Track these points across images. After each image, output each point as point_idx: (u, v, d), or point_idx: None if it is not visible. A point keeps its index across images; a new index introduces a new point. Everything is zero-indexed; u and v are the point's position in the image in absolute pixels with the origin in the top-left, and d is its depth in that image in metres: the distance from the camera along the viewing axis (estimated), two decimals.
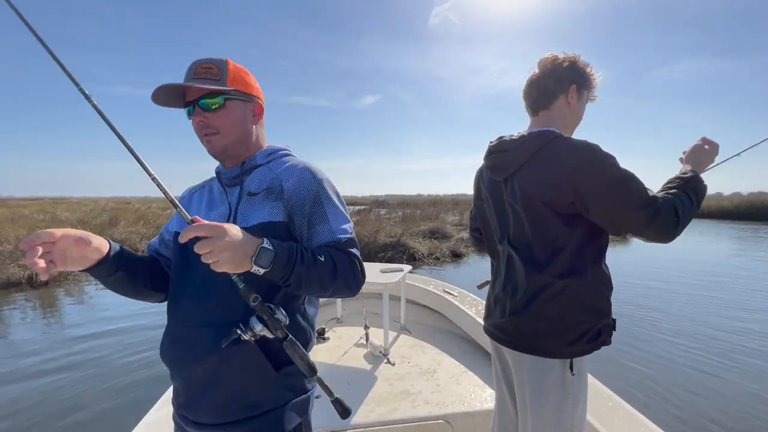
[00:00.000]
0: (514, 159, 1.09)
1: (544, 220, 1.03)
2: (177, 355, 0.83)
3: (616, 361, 3.74)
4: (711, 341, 4.26)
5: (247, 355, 0.79)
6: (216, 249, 0.63)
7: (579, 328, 1.04)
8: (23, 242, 0.68)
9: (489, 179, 1.22)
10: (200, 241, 0.63)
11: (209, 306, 0.81)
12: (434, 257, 9.80)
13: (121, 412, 2.79)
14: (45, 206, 21.33)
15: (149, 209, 18.41)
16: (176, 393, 0.87)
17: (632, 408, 1.50)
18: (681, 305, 5.73)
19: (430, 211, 15.90)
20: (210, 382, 0.80)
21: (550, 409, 1.06)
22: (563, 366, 1.05)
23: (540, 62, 1.14)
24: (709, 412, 2.86)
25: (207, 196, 0.93)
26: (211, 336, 0.77)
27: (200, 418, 0.82)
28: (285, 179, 0.85)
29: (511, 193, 1.11)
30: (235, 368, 0.79)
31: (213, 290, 0.80)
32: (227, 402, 0.80)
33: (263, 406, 0.81)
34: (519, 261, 1.10)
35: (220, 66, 0.83)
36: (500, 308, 1.17)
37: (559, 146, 1.02)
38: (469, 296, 3.00)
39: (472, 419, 1.79)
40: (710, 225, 20.71)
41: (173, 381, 0.88)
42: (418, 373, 2.18)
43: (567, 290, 1.03)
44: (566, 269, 1.02)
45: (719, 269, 8.43)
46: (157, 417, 1.61)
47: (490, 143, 1.23)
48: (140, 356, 3.95)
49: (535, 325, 1.07)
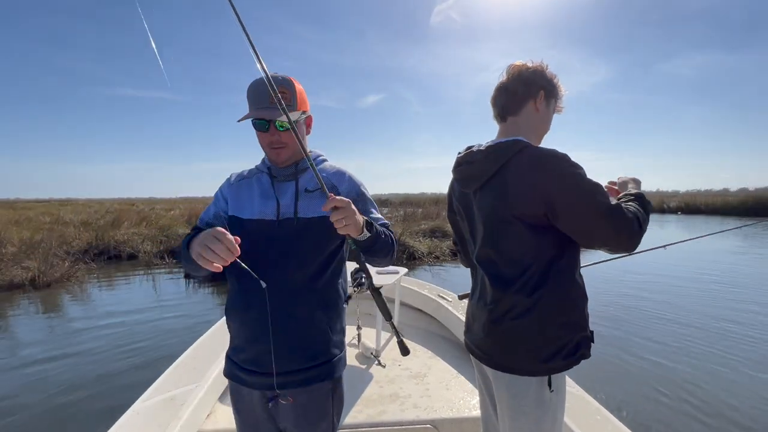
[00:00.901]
0: (482, 170, 1.07)
1: (515, 234, 1.01)
2: (261, 312, 0.97)
3: (606, 370, 3.70)
4: (708, 348, 4.20)
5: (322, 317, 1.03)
6: (348, 215, 0.86)
7: (554, 344, 1.01)
8: (230, 245, 0.81)
9: (459, 191, 1.20)
10: (337, 210, 0.85)
11: (294, 269, 1.00)
12: (434, 256, 9.77)
13: (119, 404, 2.81)
14: (51, 208, 21.56)
15: (152, 210, 18.54)
16: (252, 348, 1.01)
17: (619, 422, 1.47)
18: (678, 311, 5.67)
19: (431, 210, 15.87)
20: (296, 335, 1.00)
21: (529, 428, 1.04)
22: (541, 383, 1.02)
23: (508, 69, 1.13)
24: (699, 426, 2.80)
25: (257, 187, 1.07)
26: (300, 293, 1.00)
27: (282, 368, 0.99)
28: (337, 182, 1.08)
29: (480, 206, 1.09)
30: (319, 325, 1.02)
31: (295, 257, 1.00)
32: (306, 351, 1.01)
33: (325, 357, 1.04)
34: (487, 278, 1.08)
35: (290, 91, 1.00)
36: (477, 324, 1.15)
37: (528, 156, 1.00)
38: (464, 302, 2.98)
39: (460, 425, 1.78)
40: (717, 222, 20.49)
41: (249, 340, 1.01)
42: (408, 377, 2.18)
43: (538, 307, 1.01)
44: (535, 285, 1.00)
45: (724, 267, 8.34)
46: (151, 403, 1.61)
47: (459, 154, 1.20)
48: (141, 355, 3.98)
49: (507, 343, 1.05)
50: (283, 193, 1.04)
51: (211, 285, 7.27)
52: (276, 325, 0.97)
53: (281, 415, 1.05)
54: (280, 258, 0.99)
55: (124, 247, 10.14)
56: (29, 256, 7.66)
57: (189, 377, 1.78)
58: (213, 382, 1.80)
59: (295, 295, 0.99)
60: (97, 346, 4.31)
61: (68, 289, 7.05)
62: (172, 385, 1.71)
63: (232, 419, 1.75)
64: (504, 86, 1.12)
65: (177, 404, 1.56)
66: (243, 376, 1.03)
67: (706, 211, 28.71)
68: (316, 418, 1.04)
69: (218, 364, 1.91)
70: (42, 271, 7.14)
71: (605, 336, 4.36)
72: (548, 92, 1.10)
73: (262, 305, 0.95)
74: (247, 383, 1.03)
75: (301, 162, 1.07)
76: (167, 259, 9.59)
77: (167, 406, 1.55)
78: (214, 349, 2.08)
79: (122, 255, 10.00)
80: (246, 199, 1.06)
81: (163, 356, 3.95)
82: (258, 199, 1.04)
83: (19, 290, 6.82)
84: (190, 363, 1.92)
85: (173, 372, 1.84)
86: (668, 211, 31.04)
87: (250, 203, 1.04)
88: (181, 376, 1.79)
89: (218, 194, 1.11)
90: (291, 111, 0.99)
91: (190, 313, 5.68)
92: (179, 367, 1.88)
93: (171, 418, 1.46)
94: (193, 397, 1.61)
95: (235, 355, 1.05)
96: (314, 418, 1.04)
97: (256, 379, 1.01)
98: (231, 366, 1.07)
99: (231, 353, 1.07)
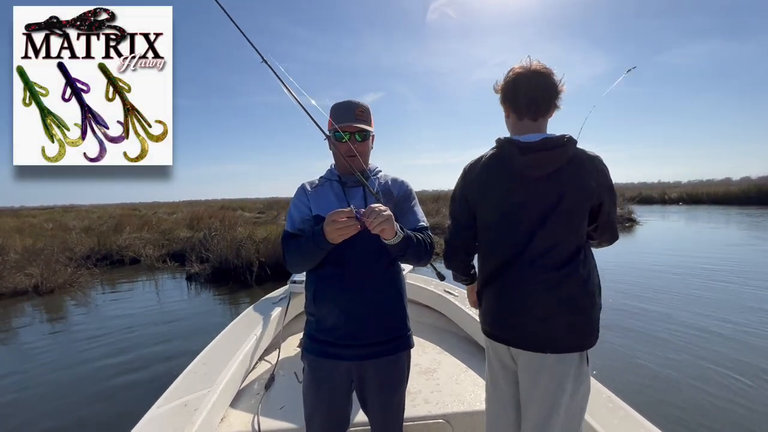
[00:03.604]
0: (557, 157, 1.14)
1: (579, 217, 1.14)
2: (355, 293, 1.21)
3: (615, 358, 3.67)
4: (716, 336, 4.16)
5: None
6: (387, 221, 1.05)
7: (595, 319, 1.14)
8: (350, 220, 1.04)
9: (512, 176, 1.19)
10: (373, 212, 1.04)
11: (373, 257, 1.23)
12: (434, 253, 9.72)
13: (129, 411, 2.78)
14: (55, 215, 21.62)
15: (155, 214, 18.57)
16: (347, 325, 1.21)
17: (632, 409, 1.46)
18: (683, 299, 5.63)
19: (431, 207, 15.83)
20: (382, 311, 1.25)
21: (567, 404, 1.12)
22: (581, 359, 1.13)
23: (540, 68, 1.18)
24: (713, 414, 2.77)
25: (331, 192, 1.30)
26: (379, 276, 1.25)
27: (372, 339, 1.22)
28: (394, 188, 1.34)
29: (543, 191, 1.15)
30: (392, 304, 1.28)
31: (372, 245, 1.19)
32: (389, 325, 1.26)
33: (403, 330, 1.29)
34: (542, 260, 1.14)
35: (367, 112, 1.30)
36: (516, 309, 1.18)
37: (583, 152, 1.17)
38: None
39: (472, 419, 1.76)
40: (719, 211, 20.39)
41: (344, 317, 1.21)
42: (417, 373, 2.14)
43: (589, 284, 1.13)
44: (587, 264, 1.15)
45: (727, 257, 8.28)
46: (164, 410, 1.59)
47: (525, 142, 1.17)
48: (147, 360, 3.97)
49: (559, 322, 1.12)
50: (353, 197, 1.28)
51: (213, 287, 7.27)
52: (366, 304, 1.21)
53: (368, 382, 1.25)
54: (360, 247, 1.19)
55: (126, 252, 10.15)
56: (32, 262, 7.66)
57: (201, 383, 1.77)
58: (225, 387, 1.78)
59: (377, 277, 1.24)
60: (103, 352, 4.29)
61: (71, 295, 7.05)
62: (184, 391, 1.70)
63: (245, 423, 1.75)
64: (542, 86, 1.17)
65: (190, 410, 1.54)
66: (336, 351, 1.22)
67: (707, 201, 28.60)
68: (397, 384, 1.28)
69: (230, 368, 1.90)
70: (45, 277, 7.14)
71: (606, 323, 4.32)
72: (558, 100, 1.22)
73: (354, 287, 1.20)
74: (340, 356, 1.22)
75: (365, 173, 1.29)
76: (169, 262, 9.58)
77: (180, 412, 1.54)
78: (226, 353, 2.06)
79: (125, 259, 10.00)
80: (325, 202, 1.27)
81: (170, 360, 3.93)
82: (335, 201, 1.27)
83: (22, 297, 6.82)
84: (202, 369, 1.91)
85: (185, 378, 1.83)
86: (670, 202, 30.91)
87: (329, 205, 1.24)
88: (193, 382, 1.78)
89: (297, 202, 1.31)
90: (370, 127, 1.30)
91: (194, 316, 5.67)
92: (191, 373, 1.87)
93: (185, 424, 1.45)
94: (207, 403, 1.60)
95: (328, 334, 1.23)
96: (397, 382, 1.28)
97: (349, 351, 1.21)
98: (319, 345, 1.24)
99: (320, 334, 1.24)
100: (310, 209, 1.29)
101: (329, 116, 1.31)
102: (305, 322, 1.32)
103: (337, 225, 1.03)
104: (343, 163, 1.29)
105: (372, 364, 1.23)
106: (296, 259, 1.22)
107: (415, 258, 1.21)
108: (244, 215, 17.09)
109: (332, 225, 1.04)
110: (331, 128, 1.30)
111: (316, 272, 1.26)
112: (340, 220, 1.04)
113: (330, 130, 1.30)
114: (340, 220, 1.04)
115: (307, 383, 1.29)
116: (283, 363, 2.29)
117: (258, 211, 22.68)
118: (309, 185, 1.35)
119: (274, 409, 1.83)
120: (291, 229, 1.28)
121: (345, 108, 1.28)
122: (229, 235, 8.45)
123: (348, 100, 1.29)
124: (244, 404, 1.89)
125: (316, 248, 1.13)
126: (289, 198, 1.37)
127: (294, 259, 1.23)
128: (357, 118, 1.26)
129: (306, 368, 1.30)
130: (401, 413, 1.32)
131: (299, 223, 1.28)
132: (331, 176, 1.34)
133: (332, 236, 1.06)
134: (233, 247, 7.77)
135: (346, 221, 1.03)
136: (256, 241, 7.98)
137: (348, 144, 1.25)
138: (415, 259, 1.21)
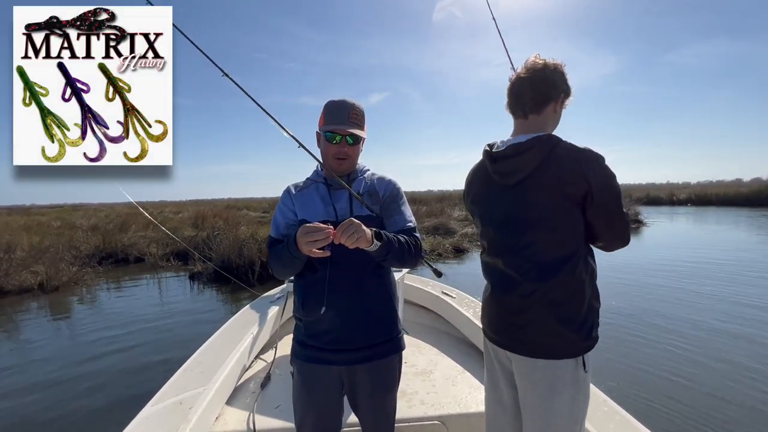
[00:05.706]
0: (526, 163, 1.09)
1: (560, 221, 1.07)
2: (347, 298, 1.19)
3: (610, 361, 3.63)
4: (715, 339, 4.10)
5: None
6: (357, 233, 1.01)
7: (588, 323, 1.09)
8: (323, 232, 1.01)
9: (491, 185, 1.18)
10: (342, 233, 1.00)
11: (361, 263, 1.20)
12: (436, 254, 9.69)
13: (127, 408, 2.80)
14: (63, 214, 21.84)
15: (160, 213, 18.70)
16: (337, 330, 1.19)
17: (628, 414, 1.44)
18: (680, 303, 5.56)
19: (435, 207, 15.80)
20: (372, 315, 1.22)
21: (564, 409, 1.09)
22: (577, 364, 1.09)
23: (530, 64, 1.13)
24: (708, 417, 2.73)
25: (317, 195, 1.26)
26: (369, 280, 1.23)
27: (362, 343, 1.19)
28: (380, 188, 1.29)
29: (519, 197, 1.11)
30: (381, 308, 1.25)
31: (363, 255, 1.14)
32: (380, 328, 1.23)
33: (394, 333, 1.27)
34: (527, 265, 1.10)
35: (362, 115, 1.24)
36: (509, 313, 1.15)
37: (565, 148, 1.08)
38: (467, 298, 2.94)
39: (468, 421, 1.74)
40: (729, 212, 20.12)
41: (334, 322, 1.18)
42: (414, 374, 2.14)
43: (581, 289, 1.08)
44: (577, 268, 1.08)
45: (731, 259, 8.17)
46: (159, 407, 1.60)
47: (491, 149, 1.18)
48: (148, 358, 4.01)
49: (551, 328, 1.08)
50: (338, 199, 1.25)
51: (215, 286, 7.31)
52: (356, 308, 1.18)
53: (359, 386, 1.22)
54: (346, 251, 1.12)
55: (131, 251, 10.23)
56: (38, 260, 7.75)
57: (197, 381, 1.77)
58: (221, 385, 1.78)
59: (365, 280, 1.21)
60: (105, 350, 4.33)
61: (76, 293, 7.13)
62: (180, 389, 1.70)
63: (240, 422, 1.75)
64: (527, 83, 1.12)
65: (185, 408, 1.54)
66: (326, 356, 1.19)
67: (716, 203, 28.20)
68: (389, 387, 1.26)
69: (226, 366, 1.90)
70: (50, 275, 7.22)
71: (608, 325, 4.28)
72: (566, 94, 1.16)
73: (342, 291, 1.17)
74: (330, 361, 1.20)
75: (352, 173, 1.28)
76: (173, 261, 9.65)
77: (176, 410, 1.54)
78: (222, 351, 2.07)
79: (129, 258, 10.09)
80: (311, 205, 1.25)
81: (170, 359, 3.95)
82: (320, 205, 1.24)
83: (28, 294, 6.90)
84: (198, 367, 1.91)
85: (181, 376, 1.83)
86: (678, 203, 30.54)
87: (315, 208, 1.24)
88: (189, 380, 1.78)
89: (282, 207, 1.28)
90: (362, 130, 1.24)
91: (195, 314, 5.71)
92: (187, 371, 1.87)
93: (180, 421, 1.45)
94: (202, 401, 1.60)
95: (318, 339, 1.20)
96: (389, 385, 1.26)
97: (340, 356, 1.19)
98: (309, 350, 1.22)
99: (310, 340, 1.22)
100: (296, 213, 1.26)
101: (322, 113, 1.26)
102: (294, 326, 1.30)
103: (309, 238, 1.01)
104: (330, 164, 1.26)
105: (363, 368, 1.21)
106: (277, 266, 1.20)
107: (398, 261, 1.17)
108: (249, 215, 17.17)
109: (304, 237, 1.02)
110: (322, 126, 1.25)
111: (304, 277, 1.23)
112: (316, 237, 1.01)
113: (321, 128, 1.25)
114: (316, 237, 1.01)
115: (297, 389, 1.27)
116: (279, 362, 2.29)
117: (263, 210, 22.77)
118: (294, 188, 1.32)
119: (270, 407, 1.83)
120: (275, 234, 1.26)
121: (339, 108, 1.22)
122: (231, 234, 8.50)
123: (343, 100, 1.23)
124: (240, 403, 1.90)
125: (291, 256, 1.10)
126: None
127: (275, 266, 1.21)
128: (351, 122, 1.21)
129: (295, 374, 1.27)
130: (393, 416, 1.31)
131: (284, 229, 1.26)
132: (317, 178, 1.31)
133: (304, 248, 1.04)
134: (236, 246, 7.81)
135: (319, 234, 1.01)
136: (258, 240, 8.02)
137: (338, 146, 1.22)
138: (398, 262, 1.18)
